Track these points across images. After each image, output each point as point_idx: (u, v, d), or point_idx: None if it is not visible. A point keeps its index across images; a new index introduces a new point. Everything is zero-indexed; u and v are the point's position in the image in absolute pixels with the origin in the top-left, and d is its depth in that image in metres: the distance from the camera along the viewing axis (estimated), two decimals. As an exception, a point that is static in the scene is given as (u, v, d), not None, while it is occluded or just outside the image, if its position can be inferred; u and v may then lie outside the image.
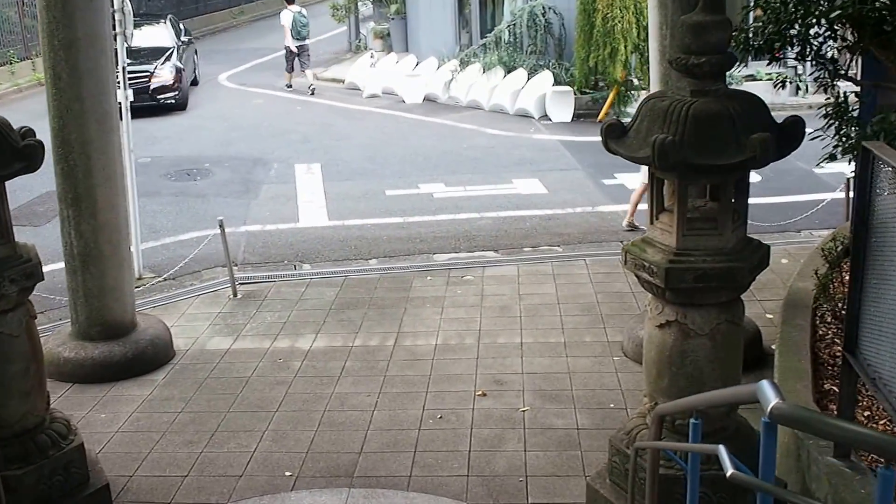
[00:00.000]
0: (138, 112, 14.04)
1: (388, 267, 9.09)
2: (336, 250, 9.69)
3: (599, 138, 4.23)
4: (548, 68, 16.14)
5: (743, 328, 4.30)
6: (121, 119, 7.27)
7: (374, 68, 18.80)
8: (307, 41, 19.05)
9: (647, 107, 3.99)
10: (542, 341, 7.12)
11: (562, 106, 15.64)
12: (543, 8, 16.31)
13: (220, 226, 8.26)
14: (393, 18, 20.68)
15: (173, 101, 17.28)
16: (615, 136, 4.04)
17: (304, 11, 18.95)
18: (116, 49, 8.34)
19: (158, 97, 17.06)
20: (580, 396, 6.18)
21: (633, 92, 15.44)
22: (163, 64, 17.65)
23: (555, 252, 9.45)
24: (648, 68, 15.03)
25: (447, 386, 6.44)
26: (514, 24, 16.72)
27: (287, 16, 18.66)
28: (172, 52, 18.47)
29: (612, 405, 6.05)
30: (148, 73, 17.12)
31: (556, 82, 15.89)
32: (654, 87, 6.40)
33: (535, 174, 12.31)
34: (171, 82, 17.34)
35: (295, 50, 18.87)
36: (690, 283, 3.94)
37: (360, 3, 23.17)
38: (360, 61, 19.75)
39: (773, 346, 6.09)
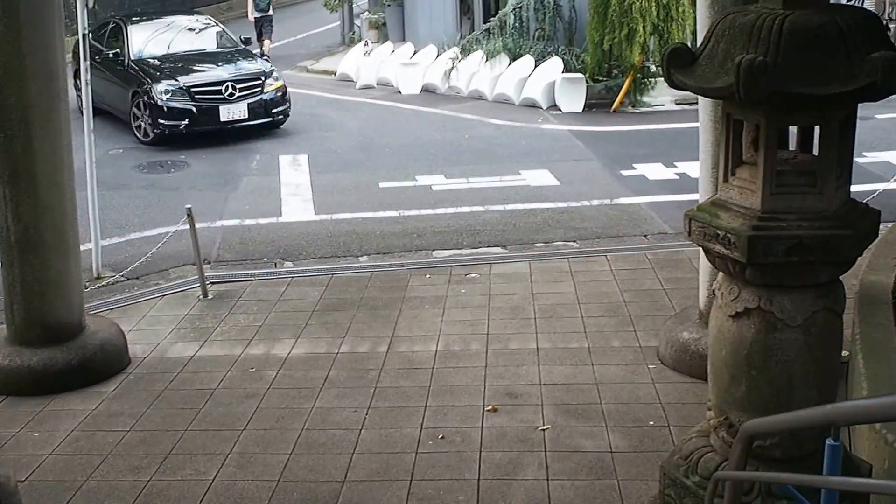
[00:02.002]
0: (244, 133, 13.25)
1: (380, 264, 8.19)
2: (322, 247, 8.79)
3: (615, 128, 3.36)
4: (557, 54, 15.25)
5: (843, 319, 3.37)
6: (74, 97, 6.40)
7: (368, 57, 17.92)
8: (269, 13, 21.04)
9: (725, 24, 3.09)
10: (561, 347, 6.21)
11: (572, 95, 14.74)
12: (552, -12, 15.45)
13: (188, 214, 7.36)
14: (389, 5, 19.81)
15: (283, 117, 13.86)
16: (681, 64, 3.14)
17: None
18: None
19: (273, 111, 13.63)
20: (612, 412, 5.26)
21: (650, 80, 14.55)
22: (270, 69, 14.39)
23: (571, 248, 8.55)
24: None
25: (450, 399, 5.52)
26: (520, 8, 15.85)
27: None
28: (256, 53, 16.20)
29: (651, 422, 5.13)
30: (260, 81, 13.62)
31: (566, 69, 14.99)
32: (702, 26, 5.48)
33: (546, 165, 11.41)
34: (282, 93, 13.91)
35: (251, 19, 20.98)
36: (781, 256, 3.04)
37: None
38: (353, 51, 18.88)
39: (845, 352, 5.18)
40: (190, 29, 15.32)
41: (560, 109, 14.82)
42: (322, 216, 9.69)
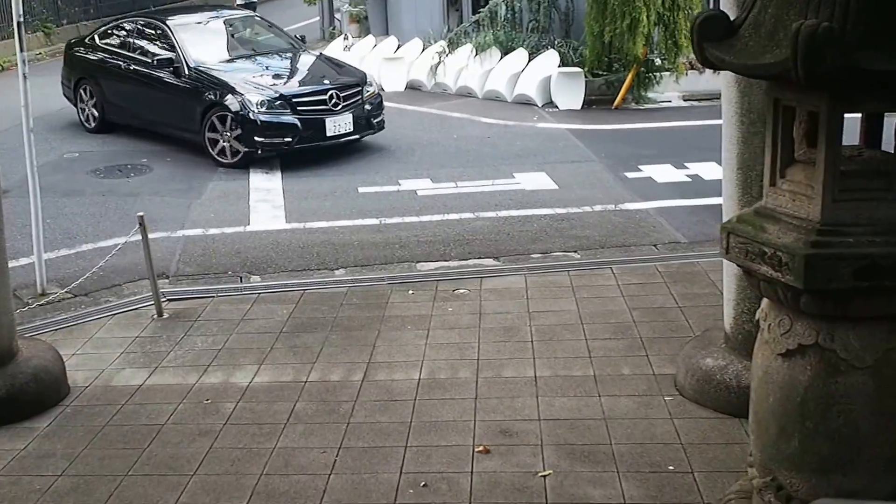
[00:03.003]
0: (344, 150, 11.80)
1: (358, 279, 7.65)
2: (293, 259, 8.25)
3: (618, 126, 2.85)
4: (553, 47, 14.77)
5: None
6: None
7: (348, 52, 17.42)
8: (254, 0, 22.02)
9: (775, -17, 2.56)
10: (563, 375, 5.68)
11: (570, 91, 14.26)
12: (547, -24, 14.96)
13: (140, 223, 6.81)
14: (370, -3, 19.34)
15: (381, 128, 12.41)
16: (717, 36, 2.62)
17: None
18: None
19: (375, 122, 12.20)
20: (624, 454, 4.73)
21: (655, 74, 14.07)
22: (364, 74, 13.10)
23: (571, 259, 8.03)
24: (675, 42, 13.87)
25: (434, 438, 4.99)
26: (512, -3, 15.37)
27: None
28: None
29: (670, 467, 4.60)
30: (360, 88, 12.13)
31: (563, 63, 14.51)
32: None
33: (542, 167, 10.91)
34: (379, 99, 12.52)
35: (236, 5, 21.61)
36: (847, 280, 2.53)
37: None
38: (333, 46, 18.38)
39: None
40: (242, 27, 13.99)
41: (557, 107, 14.35)
42: (294, 224, 9.15)
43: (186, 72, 11.88)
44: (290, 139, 11.20)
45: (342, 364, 5.96)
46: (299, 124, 11.24)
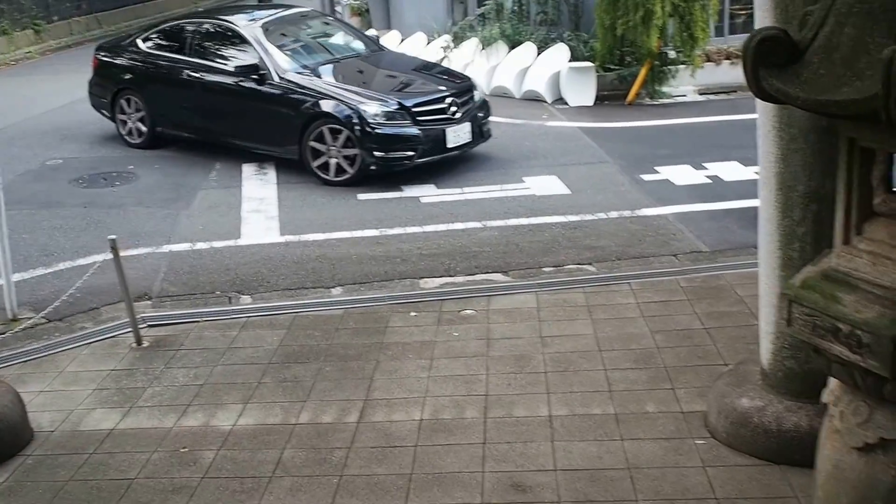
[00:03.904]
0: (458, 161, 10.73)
1: (356, 298, 7.13)
2: (287, 276, 7.72)
3: (632, 124, 2.32)
4: (562, 41, 14.20)
5: None
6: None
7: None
8: None
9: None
10: (581, 413, 5.14)
11: (581, 86, 13.68)
12: (556, -34, 14.40)
13: (112, 247, 6.28)
14: (370, -10, 18.81)
15: (490, 136, 11.28)
16: (777, 62, 2.06)
17: None
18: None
19: (485, 130, 11.03)
20: (653, 513, 4.20)
21: (669, 67, 13.49)
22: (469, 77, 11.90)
23: (586, 273, 7.50)
24: (690, 34, 13.29)
25: (438, 494, 4.46)
26: (520, -11, 14.81)
27: None
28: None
29: (706, 531, 4.07)
30: (472, 94, 11.05)
31: (574, 58, 13.94)
32: (764, 15, 4.38)
33: (553, 170, 10.35)
34: (487, 105, 11.37)
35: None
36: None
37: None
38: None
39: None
40: (319, 27, 12.61)
41: (567, 103, 13.79)
42: (288, 237, 8.62)
43: (277, 79, 10.54)
44: (412, 153, 10.07)
45: (336, 402, 5.43)
46: (421, 136, 10.11)
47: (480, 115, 10.87)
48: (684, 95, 14.12)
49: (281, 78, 10.55)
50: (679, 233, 8.34)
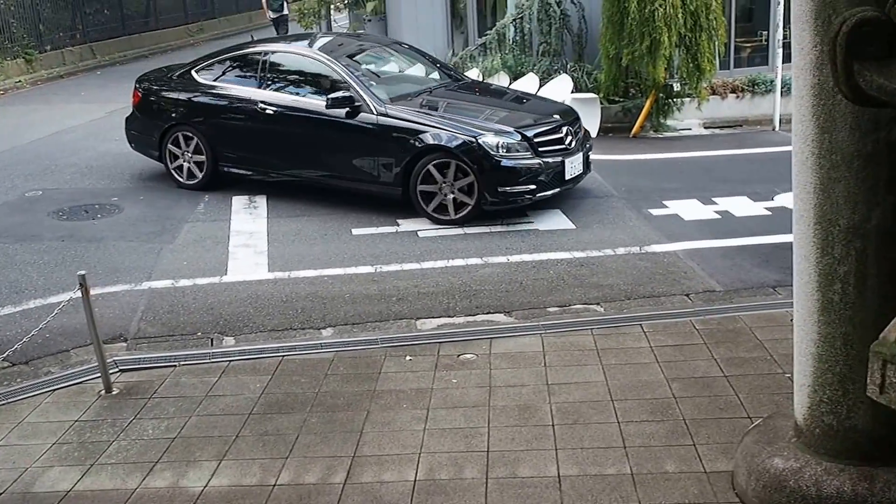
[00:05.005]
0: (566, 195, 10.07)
1: (347, 341, 6.62)
2: (275, 316, 7.20)
3: (637, 157, 1.86)
4: (565, 72, 13.77)
5: None
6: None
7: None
8: (283, 12, 23.56)
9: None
10: (593, 473, 4.61)
11: (585, 118, 13.03)
12: (559, -5, 13.98)
13: (81, 283, 5.77)
14: (369, 20, 18.40)
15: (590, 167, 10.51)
16: (875, 54, 1.57)
17: None
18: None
19: (588, 159, 10.29)
20: None
21: (675, 100, 13.05)
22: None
23: (594, 313, 7.00)
24: (697, 65, 12.86)
25: (434, 570, 3.92)
26: (521, 19, 14.39)
27: None
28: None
29: None
30: (580, 121, 10.46)
31: (577, 89, 13.50)
32: (803, 27, 3.89)
33: (557, 203, 9.86)
34: (589, 136, 10.89)
35: (269, 20, 23.99)
36: None
37: (332, 8, 20.90)
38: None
39: None
40: (397, 54, 11.81)
41: (570, 136, 13.31)
42: (277, 274, 8.11)
43: (374, 111, 9.62)
44: (533, 186, 9.29)
45: (321, 459, 4.90)
46: (543, 168, 9.37)
47: (587, 144, 10.25)
48: (689, 129, 13.71)
49: (380, 110, 9.65)
50: (690, 271, 7.85)
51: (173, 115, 10.88)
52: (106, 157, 12.77)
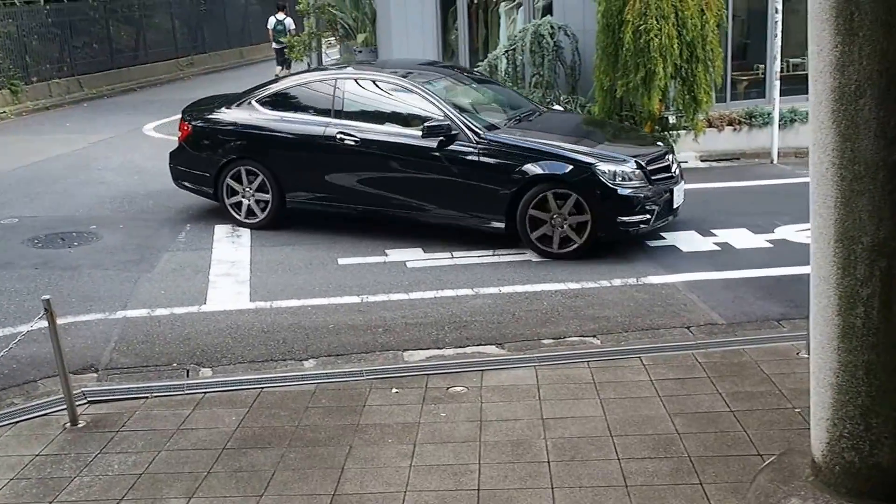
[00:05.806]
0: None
1: (330, 372, 6.27)
2: (254, 346, 6.85)
3: None
4: (558, 104, 13.53)
5: None
6: None
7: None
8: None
9: None
10: (593, 515, 4.26)
11: (578, 151, 12.97)
12: (552, 27, 13.72)
13: (46, 308, 5.42)
14: (360, 51, 18.19)
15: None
16: None
17: (281, 18, 23.62)
18: None
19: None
20: None
21: (670, 132, 12.80)
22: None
23: (591, 346, 6.68)
24: (693, 97, 12.64)
25: None
26: (514, 50, 14.15)
27: (271, 21, 24.08)
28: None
29: None
30: (664, 154, 9.59)
31: (570, 121, 13.26)
32: (822, 27, 3.61)
33: (550, 234, 9.56)
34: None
35: (273, 50, 24.17)
36: None
37: (323, 40, 20.72)
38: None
39: None
40: (466, 80, 11.01)
41: (563, 168, 13.04)
42: (259, 303, 7.76)
43: (474, 140, 9.08)
44: (649, 216, 8.86)
45: (298, 497, 4.55)
46: (656, 197, 8.97)
47: (683, 174, 9.86)
48: (686, 161, 13.42)
49: (480, 138, 9.11)
50: (690, 303, 7.55)
51: (233, 148, 10.05)
52: (87, 186, 12.46)
